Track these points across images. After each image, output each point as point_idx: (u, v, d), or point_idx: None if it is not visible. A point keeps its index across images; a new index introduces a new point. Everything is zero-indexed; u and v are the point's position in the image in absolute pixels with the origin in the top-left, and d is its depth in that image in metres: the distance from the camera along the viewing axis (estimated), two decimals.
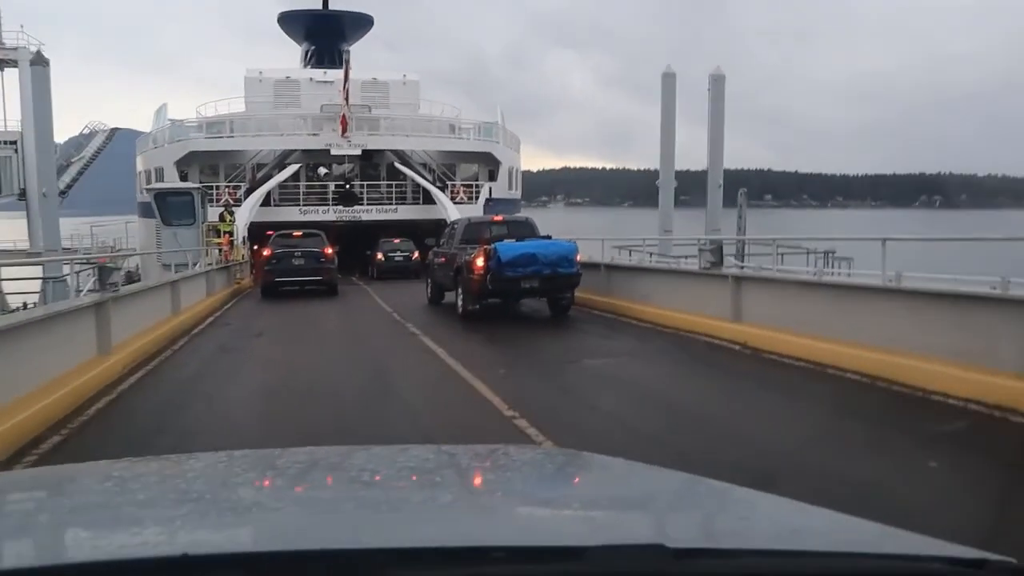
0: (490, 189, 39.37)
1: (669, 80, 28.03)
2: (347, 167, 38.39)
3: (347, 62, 35.53)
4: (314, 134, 37.33)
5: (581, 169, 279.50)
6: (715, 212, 29.05)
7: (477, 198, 38.59)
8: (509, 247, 14.36)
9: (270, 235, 24.72)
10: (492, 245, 14.36)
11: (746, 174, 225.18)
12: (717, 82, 27.51)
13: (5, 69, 52.63)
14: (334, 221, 36.42)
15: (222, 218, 28.26)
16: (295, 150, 37.93)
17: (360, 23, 53.92)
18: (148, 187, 28.70)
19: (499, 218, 18.27)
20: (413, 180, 38.14)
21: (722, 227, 33.81)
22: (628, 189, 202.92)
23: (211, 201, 34.52)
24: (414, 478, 1.93)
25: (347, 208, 36.39)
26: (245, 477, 1.98)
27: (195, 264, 21.65)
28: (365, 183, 38.24)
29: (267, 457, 2.12)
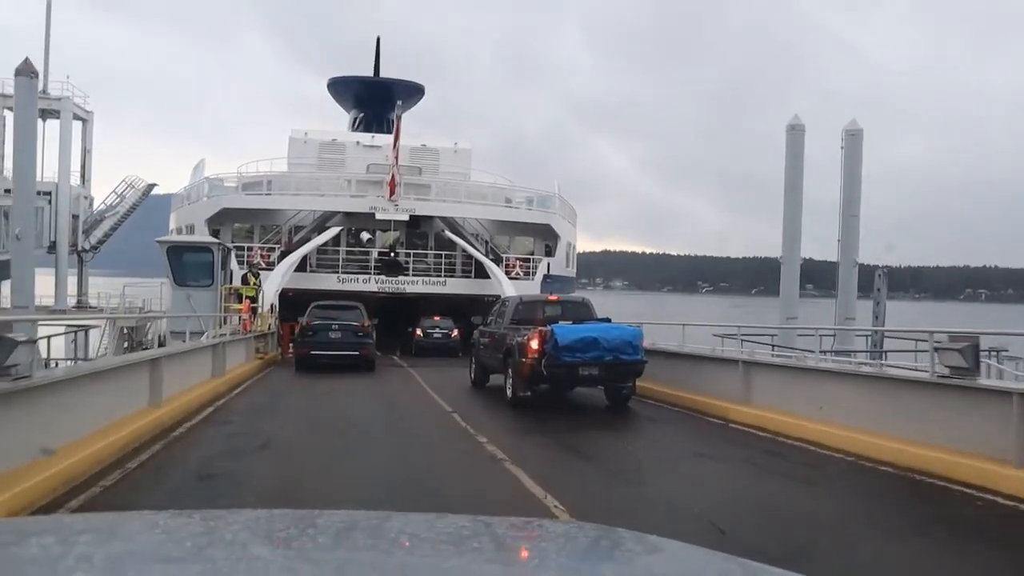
0: (548, 265, 35.05)
1: (796, 134, 23.35)
2: (392, 234, 34.25)
3: (398, 118, 31.72)
4: (359, 195, 33.29)
5: (620, 253, 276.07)
6: (849, 297, 23.84)
7: (534, 274, 34.17)
8: (567, 329, 13.01)
9: (301, 302, 23.30)
10: (548, 327, 13.08)
11: None
12: (853, 138, 22.82)
13: (48, 119, 50.17)
14: (375, 292, 32.22)
15: (245, 280, 24.06)
16: (336, 212, 33.94)
17: (410, 92, 50.61)
18: (160, 239, 24.47)
19: (554, 297, 17.01)
20: (464, 251, 33.89)
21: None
22: (667, 274, 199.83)
23: (240, 263, 30.48)
24: (449, 546, 1.87)
25: (390, 278, 32.08)
26: (282, 536, 1.90)
27: (206, 333, 17.29)
28: (411, 252, 33.98)
29: (306, 518, 2.02)
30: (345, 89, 52.36)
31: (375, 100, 48.34)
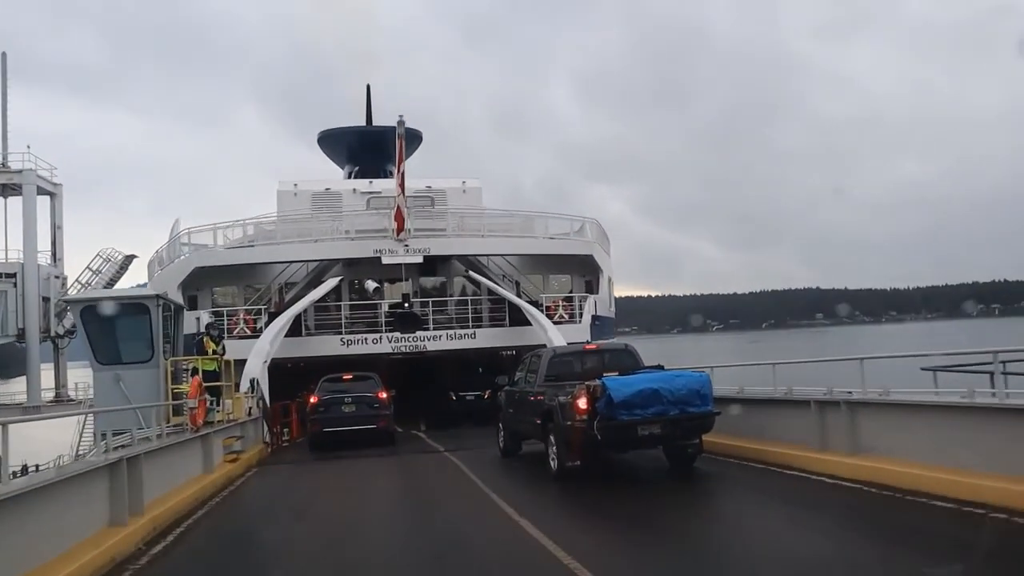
0: (595, 304, 27.93)
1: None
2: (403, 284, 27.23)
3: (400, 138, 24.88)
4: (360, 238, 26.39)
5: (626, 298, 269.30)
6: None
7: (580, 316, 27.11)
8: (622, 382, 10.75)
9: (298, 373, 21.66)
10: (598, 380, 10.70)
11: (795, 294, 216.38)
12: None
13: (10, 196, 43.70)
14: (389, 354, 25.17)
15: (200, 349, 16.65)
16: (334, 261, 26.94)
17: (408, 139, 43.77)
18: (69, 297, 17.39)
19: (592, 346, 15.00)
20: (492, 296, 26.90)
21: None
22: (675, 315, 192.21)
23: (217, 336, 23.61)
24: None
25: (406, 335, 24.95)
26: None
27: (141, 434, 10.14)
28: (429, 301, 26.93)
29: None
30: (337, 142, 45.71)
31: (370, 151, 41.65)
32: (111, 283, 43.35)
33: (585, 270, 29.94)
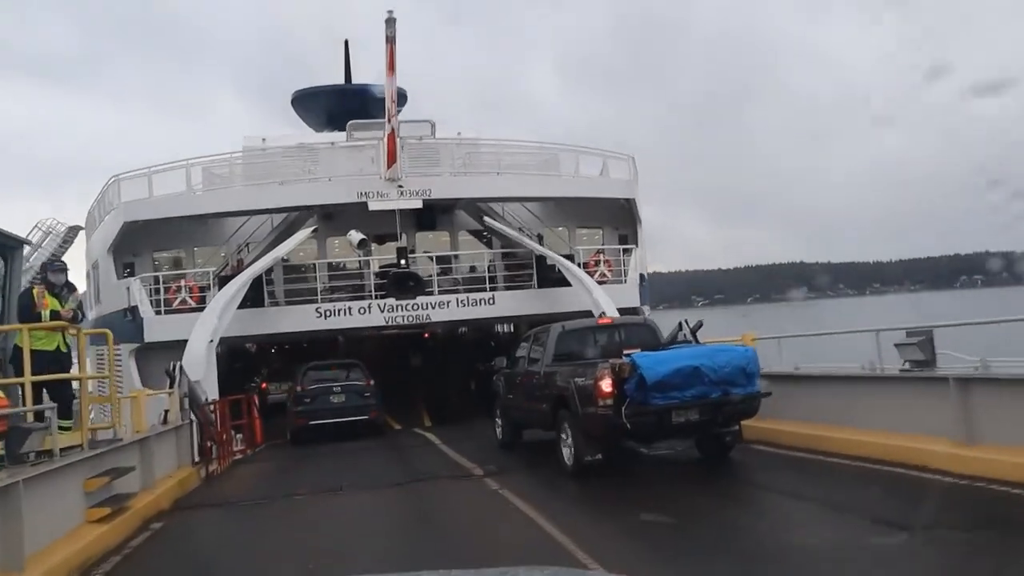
0: (642, 261, 21.40)
1: None
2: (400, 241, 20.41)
3: (391, 40, 17.81)
4: (343, 176, 19.57)
5: None
6: None
7: (626, 275, 20.52)
8: (655, 360, 8.88)
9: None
10: (626, 358, 8.85)
11: (779, 268, 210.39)
12: None
13: None
14: (380, 328, 18.45)
15: (27, 311, 9.31)
16: (308, 211, 20.00)
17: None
18: None
19: (606, 320, 12.76)
20: (513, 251, 20.21)
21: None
22: (660, 292, 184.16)
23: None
24: None
25: (404, 302, 18.12)
26: None
27: None
28: (433, 257, 20.25)
29: None
30: (313, 103, 38.08)
31: (350, 112, 34.28)
32: (55, 258, 36.12)
33: (620, 221, 23.25)
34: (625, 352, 9.47)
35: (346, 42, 41.02)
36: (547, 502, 8.01)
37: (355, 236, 18.39)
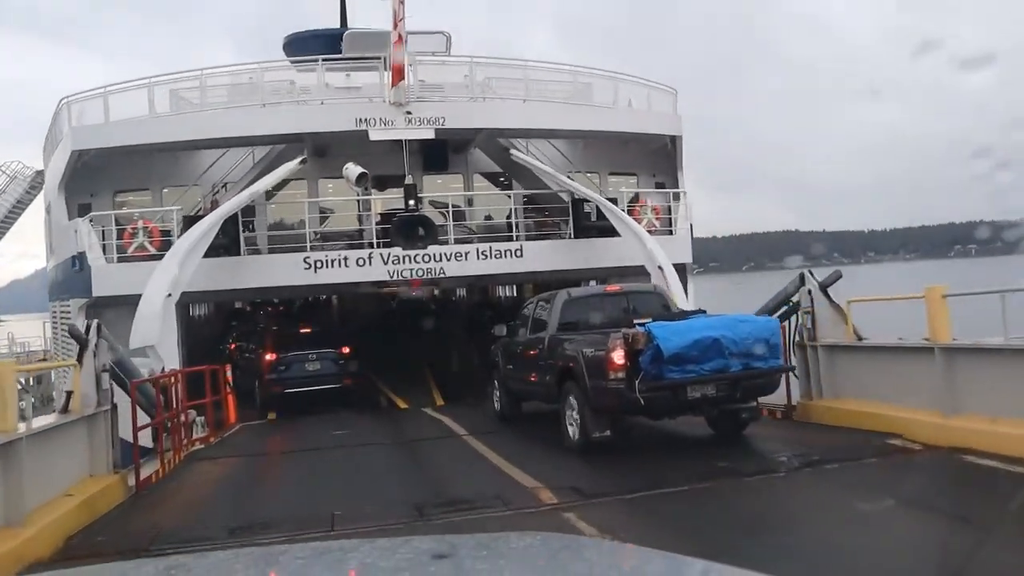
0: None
1: None
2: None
3: None
4: (335, 98, 15.81)
5: None
6: None
7: (674, 225, 16.93)
8: (673, 330, 8.16)
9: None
10: (641, 327, 8.15)
11: (773, 236, 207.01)
12: None
13: None
14: (382, 284, 14.91)
15: None
16: (295, 140, 16.18)
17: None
18: None
19: (614, 288, 11.76)
20: (542, 195, 16.55)
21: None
22: None
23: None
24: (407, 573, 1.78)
25: (412, 253, 14.47)
26: (247, 573, 1.92)
27: None
28: (448, 199, 16.64)
29: (271, 554, 2.00)
30: (307, 49, 33.81)
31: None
32: (20, 205, 32.23)
33: (659, 165, 19.50)
34: (637, 322, 8.73)
35: None
36: None
37: (353, 170, 14.63)
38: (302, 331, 17.37)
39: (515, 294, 37.33)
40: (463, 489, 7.36)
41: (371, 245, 15.13)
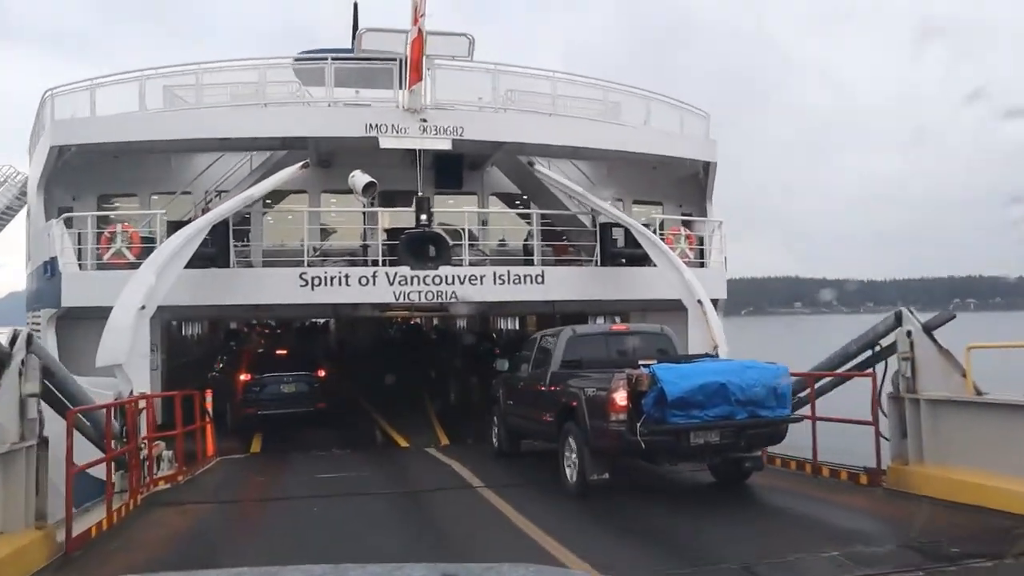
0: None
1: None
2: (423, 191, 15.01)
3: None
4: (342, 103, 14.25)
5: None
6: None
7: (707, 257, 15.36)
8: (677, 373, 7.85)
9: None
10: (645, 369, 7.89)
11: (773, 282, 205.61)
12: None
13: None
14: (387, 306, 13.21)
15: None
16: (298, 146, 14.56)
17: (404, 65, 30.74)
18: None
19: (621, 327, 12.00)
20: (563, 215, 15.00)
21: None
22: None
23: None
24: None
25: (422, 273, 12.79)
26: None
27: None
28: (465, 216, 15.05)
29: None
30: (320, 72, 32.35)
31: (359, 80, 28.61)
32: (9, 211, 30.57)
33: (687, 195, 17.94)
34: (642, 363, 8.37)
35: (355, 5, 35.48)
36: None
37: (360, 178, 13.03)
38: (278, 353, 17.42)
39: (517, 327, 35.56)
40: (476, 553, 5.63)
41: (375, 263, 13.46)
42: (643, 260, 14.50)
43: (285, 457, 12.09)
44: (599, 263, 14.32)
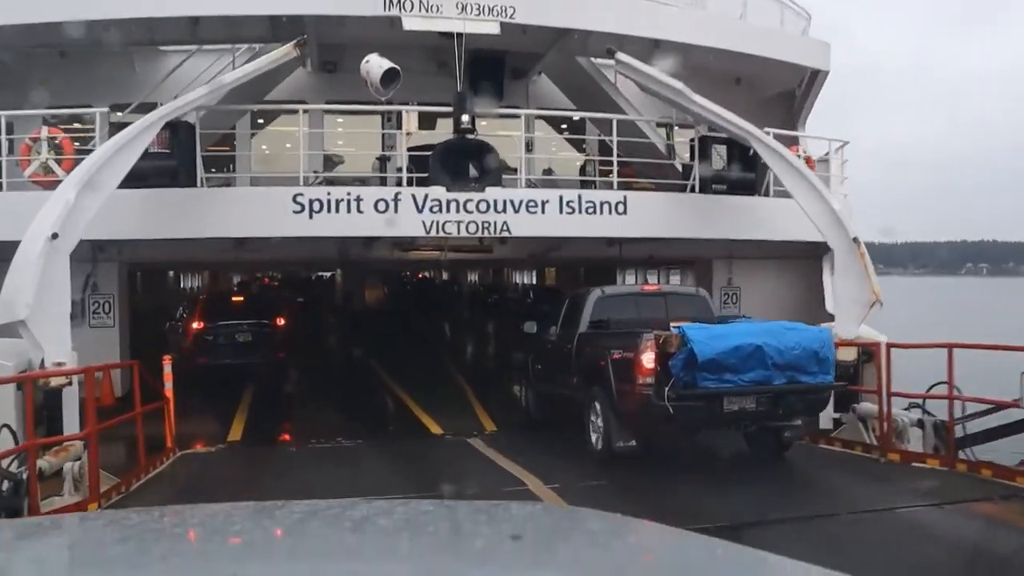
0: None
1: None
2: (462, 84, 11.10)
3: None
4: None
5: None
6: None
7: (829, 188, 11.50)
8: (711, 334, 7.29)
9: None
10: (675, 329, 7.37)
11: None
12: None
13: None
14: (413, 241, 9.38)
15: None
16: (296, 26, 10.44)
17: None
18: None
19: (652, 287, 11.26)
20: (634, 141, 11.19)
21: None
22: None
23: None
24: (406, 532, 1.68)
25: (464, 193, 8.95)
26: (242, 528, 1.75)
27: None
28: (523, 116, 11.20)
29: (266, 509, 1.88)
30: None
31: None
32: None
33: (772, 119, 13.92)
34: (673, 324, 7.66)
35: None
36: None
37: (377, 64, 9.16)
38: (235, 300, 16.63)
39: (534, 283, 31.75)
40: None
41: (398, 183, 9.70)
42: (750, 188, 10.82)
43: (272, 453, 8.52)
44: (696, 188, 10.50)
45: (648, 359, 7.26)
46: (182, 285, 27.95)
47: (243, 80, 9.11)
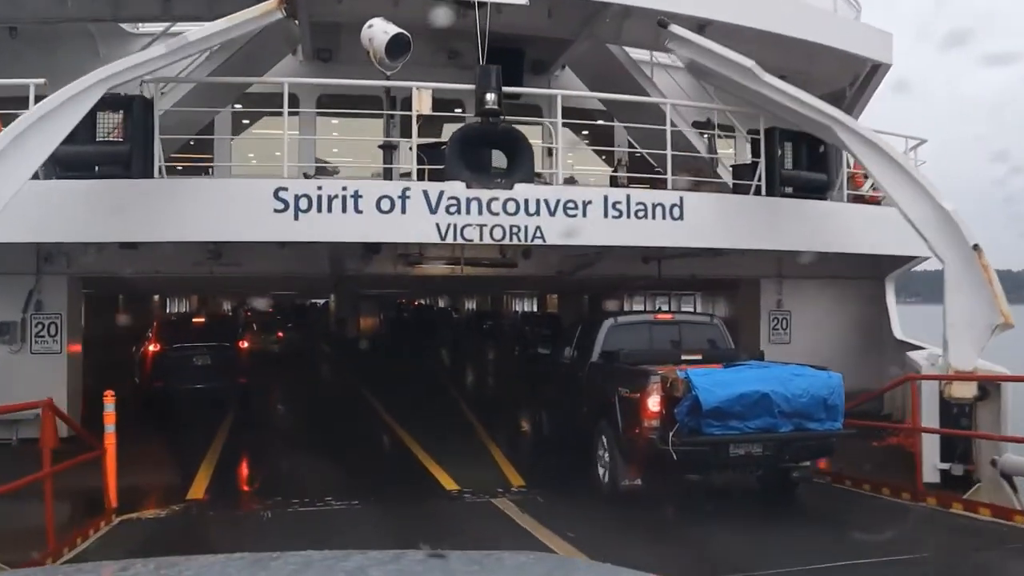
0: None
1: None
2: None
3: None
4: None
5: None
6: None
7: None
8: (717, 381, 6.99)
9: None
10: (680, 374, 6.97)
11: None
12: None
13: None
14: (422, 250, 7.44)
15: None
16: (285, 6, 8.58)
17: None
18: None
19: (666, 316, 10.37)
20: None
21: None
22: None
23: None
24: None
25: (488, 190, 7.04)
26: None
27: None
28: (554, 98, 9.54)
29: (261, 561, 1.85)
30: None
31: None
32: None
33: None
34: (683, 357, 7.92)
35: None
36: None
37: (383, 30, 7.33)
38: (195, 322, 16.39)
39: (535, 310, 29.76)
40: None
41: (406, 176, 7.84)
42: (822, 190, 9.07)
43: (240, 520, 6.55)
44: (762, 192, 8.67)
45: (654, 402, 7.04)
46: (168, 310, 26.10)
47: (214, 42, 7.27)
